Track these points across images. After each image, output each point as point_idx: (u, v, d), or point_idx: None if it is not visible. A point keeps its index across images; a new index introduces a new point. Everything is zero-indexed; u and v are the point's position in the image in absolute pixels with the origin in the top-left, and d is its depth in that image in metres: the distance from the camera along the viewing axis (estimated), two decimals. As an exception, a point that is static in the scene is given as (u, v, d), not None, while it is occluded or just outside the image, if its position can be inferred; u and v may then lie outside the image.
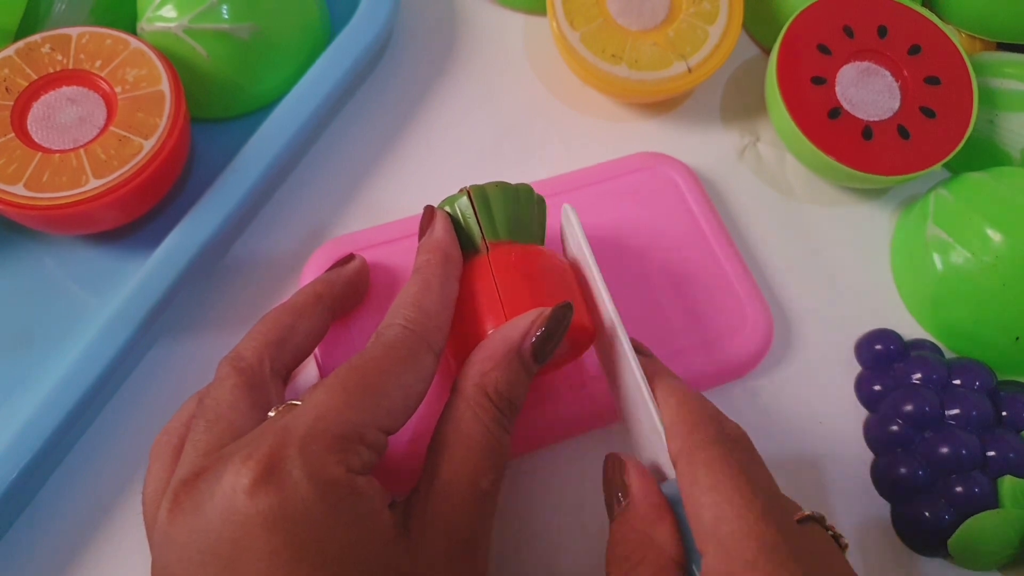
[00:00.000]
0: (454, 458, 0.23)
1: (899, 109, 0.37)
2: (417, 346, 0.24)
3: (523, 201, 0.29)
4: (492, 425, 0.24)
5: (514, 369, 0.24)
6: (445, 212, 0.28)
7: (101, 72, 0.33)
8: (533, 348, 0.24)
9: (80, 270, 0.35)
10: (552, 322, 0.25)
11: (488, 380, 0.24)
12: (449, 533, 0.22)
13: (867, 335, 0.35)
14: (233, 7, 0.35)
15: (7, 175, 0.30)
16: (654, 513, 0.23)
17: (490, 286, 0.26)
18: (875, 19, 0.38)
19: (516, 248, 0.28)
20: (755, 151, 0.41)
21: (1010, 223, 0.33)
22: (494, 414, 0.24)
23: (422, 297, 0.25)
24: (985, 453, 0.31)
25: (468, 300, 0.27)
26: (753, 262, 0.37)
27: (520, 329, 0.25)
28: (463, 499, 0.22)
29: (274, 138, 0.35)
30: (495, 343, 0.25)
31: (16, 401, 0.32)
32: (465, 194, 0.28)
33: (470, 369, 0.24)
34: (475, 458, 0.23)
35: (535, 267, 0.27)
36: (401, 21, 0.43)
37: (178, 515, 0.21)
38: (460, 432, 0.23)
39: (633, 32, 0.38)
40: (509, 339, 0.25)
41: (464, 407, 0.24)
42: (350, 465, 0.21)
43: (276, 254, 0.36)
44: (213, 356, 0.33)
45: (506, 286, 0.26)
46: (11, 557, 0.29)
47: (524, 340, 0.25)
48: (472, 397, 0.24)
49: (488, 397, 0.24)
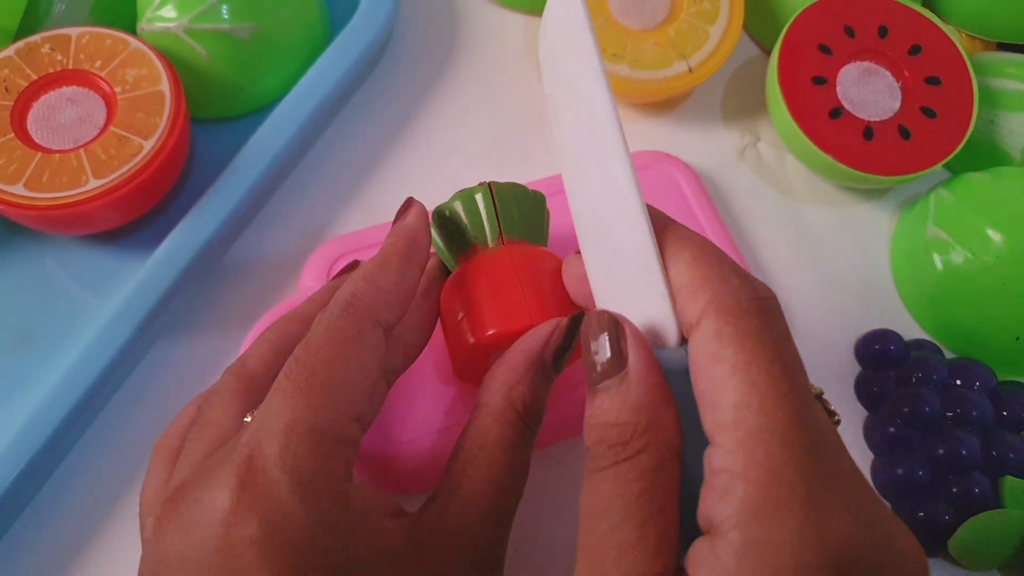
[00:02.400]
0: (478, 474, 0.22)
1: (900, 109, 0.37)
2: (362, 323, 0.22)
3: (538, 205, 0.29)
4: (518, 441, 0.23)
5: (539, 381, 0.24)
6: (421, 204, 0.27)
7: (101, 72, 0.33)
8: (554, 358, 0.24)
9: (80, 270, 0.35)
10: (569, 332, 0.24)
11: (516, 394, 0.23)
12: (465, 549, 0.21)
13: (867, 335, 0.35)
14: (233, 7, 0.35)
15: (7, 175, 0.30)
16: (658, 394, 0.19)
17: (511, 283, 0.26)
18: (875, 19, 0.38)
19: (535, 249, 0.27)
20: (756, 151, 0.41)
21: (1010, 223, 0.33)
22: (521, 429, 0.23)
23: (377, 273, 0.24)
24: (985, 453, 0.31)
25: (487, 292, 0.26)
26: (753, 262, 0.37)
27: (540, 340, 0.24)
28: (483, 516, 0.22)
29: (274, 138, 0.35)
30: (517, 356, 0.24)
31: (16, 401, 0.32)
32: (485, 188, 0.28)
33: (494, 384, 0.24)
34: (499, 476, 0.22)
35: (554, 269, 0.27)
36: (401, 21, 0.43)
37: (164, 534, 0.20)
38: (486, 448, 0.23)
39: (634, 31, 0.38)
40: (531, 351, 0.24)
41: (491, 422, 0.23)
42: (335, 472, 0.20)
43: (276, 254, 0.36)
44: (213, 356, 0.33)
45: (531, 286, 0.26)
46: (11, 557, 0.29)
47: (545, 351, 0.24)
48: (500, 412, 0.23)
49: (516, 411, 0.23)
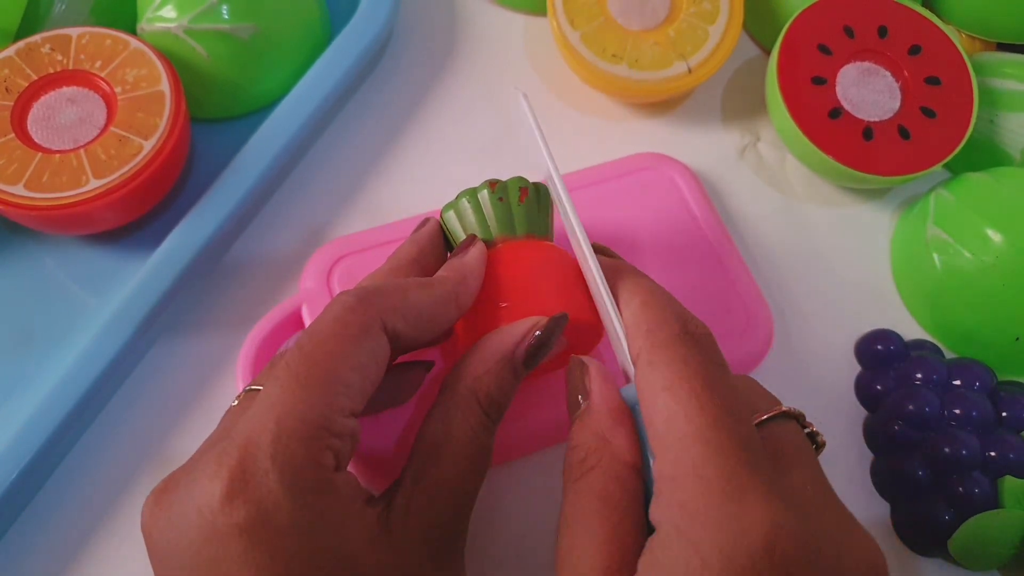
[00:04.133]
0: (441, 460, 0.23)
1: (899, 109, 0.37)
2: (369, 322, 0.23)
3: (542, 198, 0.29)
4: (479, 429, 0.24)
5: (505, 376, 0.24)
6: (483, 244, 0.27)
7: (101, 72, 0.33)
8: (525, 356, 0.24)
9: (80, 270, 0.35)
10: (546, 332, 0.25)
11: (480, 385, 0.24)
12: (432, 533, 0.22)
13: (867, 335, 0.35)
14: (233, 7, 0.35)
15: (7, 175, 0.31)
16: (612, 417, 0.22)
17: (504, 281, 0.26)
18: (875, 19, 0.38)
19: (531, 244, 0.28)
20: (755, 151, 0.41)
21: (1010, 223, 0.33)
22: (483, 419, 0.24)
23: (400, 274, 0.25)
24: (985, 453, 0.31)
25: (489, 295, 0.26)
26: (753, 262, 0.37)
27: (515, 336, 0.25)
28: (448, 501, 0.22)
29: (274, 138, 0.35)
30: (489, 348, 0.25)
31: (16, 401, 0.32)
32: (487, 186, 0.28)
33: (462, 372, 0.24)
34: (461, 461, 0.23)
35: (550, 266, 0.27)
36: (401, 21, 0.43)
37: (156, 522, 0.21)
38: (448, 434, 0.23)
39: (633, 32, 0.38)
40: (504, 345, 0.24)
41: (454, 410, 0.24)
42: (324, 463, 0.21)
43: (276, 254, 0.36)
44: (213, 356, 0.34)
45: (520, 283, 0.26)
46: (11, 557, 0.29)
47: (518, 348, 0.24)
48: (463, 400, 0.24)
49: (479, 402, 0.24)
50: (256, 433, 0.20)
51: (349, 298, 0.23)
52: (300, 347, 0.22)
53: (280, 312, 0.32)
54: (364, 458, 0.29)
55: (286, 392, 0.21)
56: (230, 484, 0.20)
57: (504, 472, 0.31)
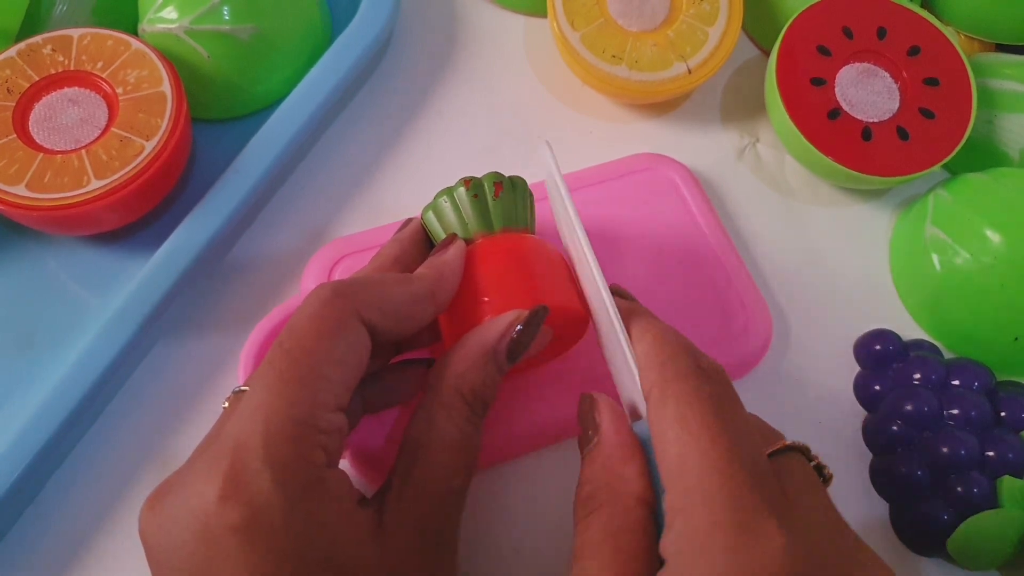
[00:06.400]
0: (429, 457, 0.23)
1: (898, 110, 0.37)
2: (346, 315, 0.23)
3: (519, 191, 0.29)
4: (465, 425, 0.24)
5: (488, 370, 0.24)
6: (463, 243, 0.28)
7: (102, 73, 0.33)
8: (508, 349, 0.25)
9: (81, 270, 0.35)
10: (527, 325, 0.25)
11: (463, 382, 0.24)
12: (423, 530, 0.22)
13: (866, 335, 0.35)
14: (234, 8, 0.35)
15: (9, 176, 0.31)
16: (623, 452, 0.22)
17: (484, 276, 0.27)
18: (874, 20, 0.38)
19: (508, 238, 0.28)
20: (754, 152, 0.41)
21: (1009, 224, 0.34)
22: (468, 414, 0.24)
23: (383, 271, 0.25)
24: (984, 453, 0.31)
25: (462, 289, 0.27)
26: (752, 262, 0.37)
27: (497, 331, 0.25)
28: (437, 498, 0.23)
29: (275, 139, 0.35)
30: (472, 344, 0.25)
31: (17, 401, 0.32)
32: (462, 184, 0.28)
33: (445, 370, 0.24)
34: (449, 458, 0.23)
35: (529, 258, 0.27)
36: (401, 22, 0.43)
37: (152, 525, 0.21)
38: (434, 432, 0.23)
39: (633, 33, 0.38)
40: (485, 341, 0.25)
41: (439, 407, 0.24)
42: (315, 461, 0.21)
43: (277, 255, 0.36)
44: (214, 357, 0.34)
45: (499, 278, 0.26)
46: (13, 557, 0.29)
47: (500, 342, 0.25)
48: (447, 397, 0.24)
49: (463, 398, 0.24)
50: (246, 435, 0.20)
51: (325, 291, 0.23)
52: (280, 344, 0.22)
53: (281, 312, 0.32)
54: (361, 456, 0.29)
55: (271, 392, 0.21)
56: (224, 486, 0.20)
57: (504, 472, 0.31)
